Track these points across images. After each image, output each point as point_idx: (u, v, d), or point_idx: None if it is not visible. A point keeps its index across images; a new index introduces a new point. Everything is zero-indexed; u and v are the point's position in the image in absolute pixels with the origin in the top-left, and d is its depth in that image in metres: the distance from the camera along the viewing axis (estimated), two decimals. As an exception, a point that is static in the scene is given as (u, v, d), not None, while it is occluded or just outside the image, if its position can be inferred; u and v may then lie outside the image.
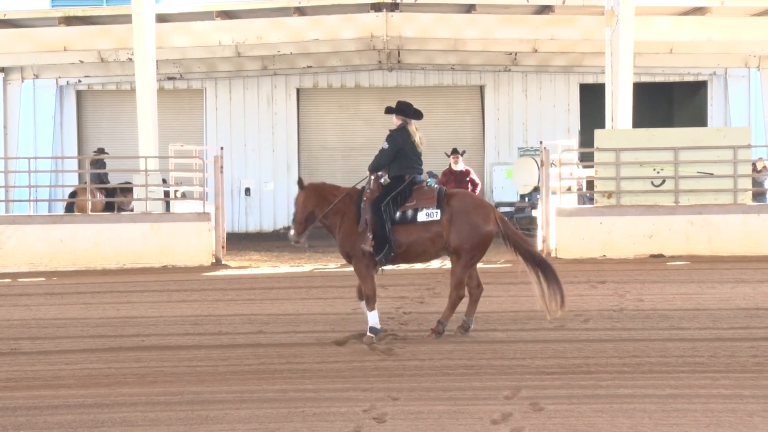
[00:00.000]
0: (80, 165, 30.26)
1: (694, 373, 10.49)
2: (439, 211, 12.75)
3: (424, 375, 10.65)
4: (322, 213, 13.17)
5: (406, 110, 13.26)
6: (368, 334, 12.64)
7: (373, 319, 12.74)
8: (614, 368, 10.78)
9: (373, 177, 13.23)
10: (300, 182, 13.64)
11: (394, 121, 13.36)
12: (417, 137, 13.21)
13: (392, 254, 12.79)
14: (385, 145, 13.20)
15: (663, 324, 13.64)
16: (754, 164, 27.37)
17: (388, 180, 13.09)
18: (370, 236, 12.71)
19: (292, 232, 13.45)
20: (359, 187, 13.45)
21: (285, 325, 14.20)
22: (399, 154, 13.09)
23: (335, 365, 11.28)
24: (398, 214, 12.81)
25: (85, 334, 13.82)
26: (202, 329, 13.99)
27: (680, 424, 8.55)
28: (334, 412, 9.11)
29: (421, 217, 12.77)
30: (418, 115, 13.40)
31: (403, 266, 21.00)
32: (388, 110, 13.43)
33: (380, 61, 33.82)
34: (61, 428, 8.87)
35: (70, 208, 26.96)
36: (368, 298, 12.80)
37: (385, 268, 13.13)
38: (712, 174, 22.36)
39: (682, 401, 9.28)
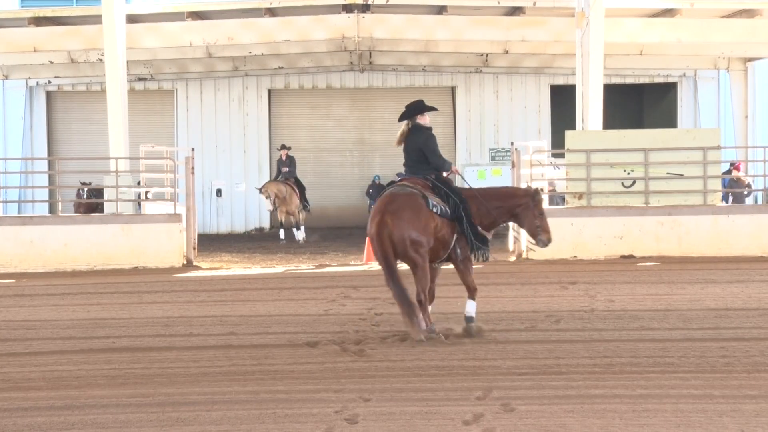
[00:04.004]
0: (50, 166, 30.14)
1: (665, 373, 10.54)
2: None
3: (395, 376, 10.65)
4: None
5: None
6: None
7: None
8: (585, 369, 10.82)
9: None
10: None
11: (427, 120, 13.30)
12: None
13: None
14: (436, 145, 13.19)
15: (633, 324, 13.71)
16: (731, 170, 27.51)
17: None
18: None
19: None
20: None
21: (256, 326, 14.17)
22: None
23: (307, 366, 11.27)
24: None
25: (56, 336, 13.75)
26: (173, 331, 13.95)
27: (651, 424, 8.59)
28: (306, 414, 9.11)
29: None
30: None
31: (375, 267, 21.08)
32: (428, 108, 13.40)
33: (352, 63, 33.82)
34: (31, 430, 8.82)
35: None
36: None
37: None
38: (682, 175, 22.48)
39: (652, 401, 9.32)
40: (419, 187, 12.82)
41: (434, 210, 12.62)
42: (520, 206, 13.11)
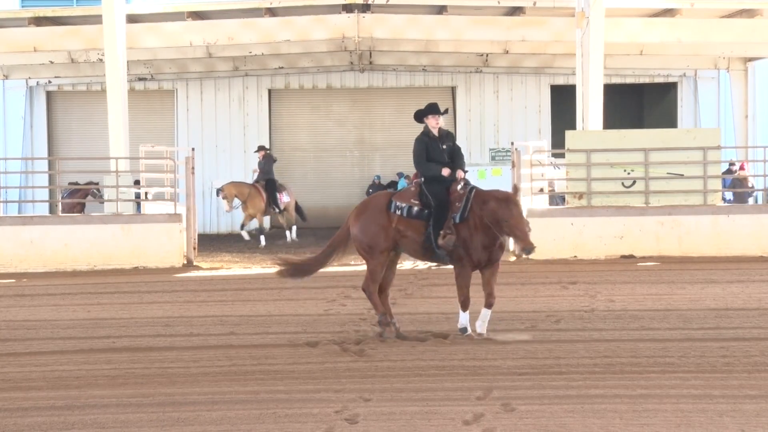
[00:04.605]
0: (50, 166, 30.14)
1: (665, 373, 10.54)
2: None
3: (396, 376, 10.65)
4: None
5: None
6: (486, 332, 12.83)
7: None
8: (585, 369, 10.82)
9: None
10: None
11: (432, 123, 13.22)
12: None
13: None
14: (420, 151, 13.14)
15: (634, 324, 13.71)
16: (731, 170, 27.53)
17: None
18: None
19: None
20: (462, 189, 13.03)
21: (257, 326, 14.17)
22: None
23: (307, 366, 11.27)
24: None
25: (56, 336, 13.75)
26: (174, 331, 13.95)
27: (651, 424, 8.59)
28: (306, 414, 9.11)
29: None
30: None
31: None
32: (431, 111, 13.26)
33: (352, 62, 33.82)
34: (31, 430, 8.82)
35: None
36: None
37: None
38: (682, 175, 22.48)
39: (652, 401, 9.32)
40: (411, 190, 13.14)
41: (397, 212, 12.82)
42: (496, 212, 12.57)
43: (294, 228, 29.18)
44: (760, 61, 32.10)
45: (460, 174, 13.08)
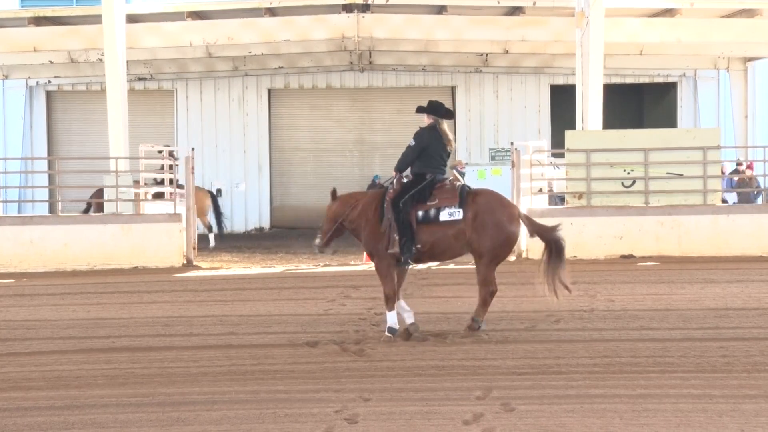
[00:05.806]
0: (50, 166, 30.14)
1: (665, 373, 10.54)
2: (461, 210, 12.76)
3: (395, 376, 10.65)
4: (346, 218, 13.17)
5: (437, 109, 13.21)
6: (386, 333, 12.76)
7: (392, 319, 12.81)
8: (585, 368, 10.82)
9: (397, 177, 13.10)
10: (333, 193, 13.46)
11: (426, 120, 13.18)
12: (447, 137, 13.19)
13: (415, 253, 12.81)
14: (411, 143, 13.02)
15: (633, 324, 13.71)
16: (738, 170, 27.52)
17: (410, 177, 13.10)
18: (396, 237, 12.70)
19: (318, 240, 13.50)
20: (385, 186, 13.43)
21: (256, 326, 14.17)
22: (423, 153, 12.99)
23: (307, 366, 11.27)
24: (421, 213, 12.78)
25: (56, 336, 13.75)
26: (173, 330, 13.95)
27: (650, 424, 8.59)
28: (306, 413, 9.11)
29: (444, 216, 12.78)
30: (449, 114, 13.51)
31: (373, 267, 21.08)
32: (420, 109, 13.25)
33: (351, 62, 33.83)
34: (31, 430, 8.82)
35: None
36: (387, 297, 12.83)
37: (410, 266, 13.14)
38: (681, 175, 22.47)
39: (652, 401, 9.32)
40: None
41: None
42: None
43: (211, 236, 28.16)
44: (760, 61, 32.13)
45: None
